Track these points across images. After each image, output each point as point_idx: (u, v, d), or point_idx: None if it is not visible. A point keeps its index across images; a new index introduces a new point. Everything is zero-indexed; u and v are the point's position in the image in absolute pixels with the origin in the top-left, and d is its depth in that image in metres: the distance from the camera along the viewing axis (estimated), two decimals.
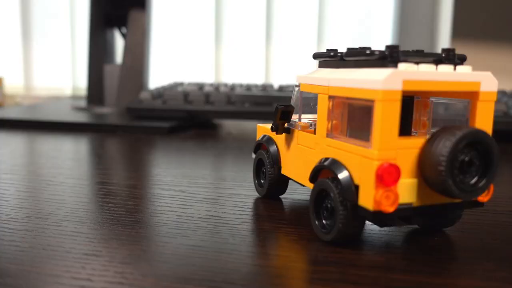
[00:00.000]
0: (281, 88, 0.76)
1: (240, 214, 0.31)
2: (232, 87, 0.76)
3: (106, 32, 0.85)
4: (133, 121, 0.68)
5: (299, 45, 1.04)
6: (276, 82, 0.99)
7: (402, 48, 0.25)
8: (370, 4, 1.03)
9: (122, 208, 0.32)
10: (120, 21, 0.84)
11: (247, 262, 0.24)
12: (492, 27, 0.84)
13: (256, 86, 0.77)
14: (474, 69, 0.25)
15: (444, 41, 0.91)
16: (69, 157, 0.49)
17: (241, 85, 0.78)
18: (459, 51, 0.25)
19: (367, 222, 0.28)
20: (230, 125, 0.75)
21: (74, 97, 1.10)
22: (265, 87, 0.75)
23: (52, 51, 1.18)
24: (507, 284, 0.22)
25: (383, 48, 0.25)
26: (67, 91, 1.19)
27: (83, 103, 0.88)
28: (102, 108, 0.81)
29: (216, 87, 0.76)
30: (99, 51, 0.84)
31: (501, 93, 0.70)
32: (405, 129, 0.29)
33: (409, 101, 0.29)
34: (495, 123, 0.65)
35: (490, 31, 0.84)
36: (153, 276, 0.22)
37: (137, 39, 0.81)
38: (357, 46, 0.27)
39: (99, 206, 0.32)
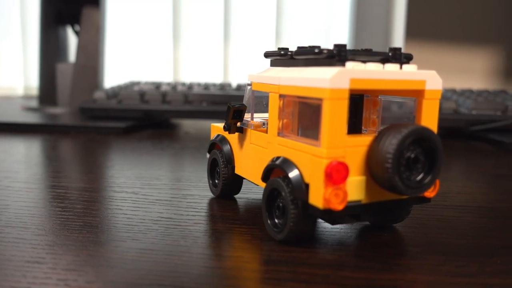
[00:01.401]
0: (239, 87, 0.75)
1: (193, 215, 0.31)
2: (190, 86, 0.75)
3: (58, 30, 0.83)
4: (87, 121, 0.66)
5: (257, 44, 1.05)
6: (235, 81, 0.98)
7: (358, 47, 0.25)
8: (327, 4, 1.05)
9: (70, 212, 0.31)
10: (73, 19, 0.82)
11: (198, 264, 0.24)
12: (444, 27, 0.87)
13: (214, 85, 0.77)
14: (426, 68, 0.26)
15: (398, 40, 0.93)
16: (18, 159, 0.47)
17: (199, 84, 0.77)
18: (412, 50, 0.26)
19: (319, 220, 0.29)
20: (188, 125, 0.74)
21: (26, 97, 1.06)
22: (223, 86, 0.75)
23: (3, 49, 1.14)
24: (452, 278, 0.23)
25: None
26: (19, 90, 1.14)
27: (34, 103, 0.84)
28: (55, 108, 0.78)
29: (173, 86, 0.75)
30: (51, 49, 0.81)
31: (452, 91, 0.72)
32: (356, 127, 0.29)
33: (359, 100, 0.29)
34: (446, 120, 0.67)
35: (442, 31, 0.87)
36: (99, 282, 0.21)
37: (91, 37, 0.79)
38: (307, 45, 0.27)
39: (45, 211, 0.31)
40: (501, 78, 0.87)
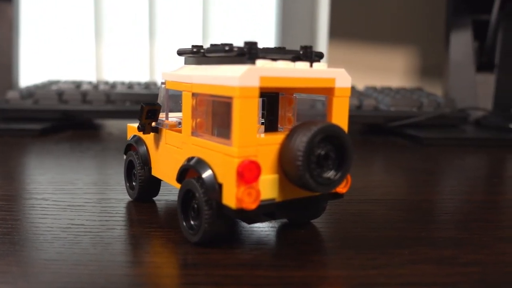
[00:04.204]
0: None
1: (106, 221, 0.29)
2: (113, 85, 0.73)
3: None
4: None
5: (184, 41, 1.03)
6: (161, 80, 0.96)
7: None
8: (254, 2, 1.05)
9: None
10: None
11: (107, 272, 0.22)
12: (366, 27, 0.90)
13: (139, 84, 0.75)
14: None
15: (322, 40, 0.95)
16: None
17: (122, 83, 0.75)
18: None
19: (238, 220, 0.28)
20: (111, 125, 0.71)
21: None
22: (148, 85, 0.73)
23: None
24: (362, 271, 0.23)
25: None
26: None
27: None
28: None
29: (95, 85, 0.72)
30: None
31: (372, 89, 0.75)
32: (272, 126, 0.29)
33: (275, 98, 0.29)
34: (367, 117, 0.69)
35: (364, 31, 0.90)
36: None
37: (3, 33, 0.74)
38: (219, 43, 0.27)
39: None
40: (417, 76, 0.92)
